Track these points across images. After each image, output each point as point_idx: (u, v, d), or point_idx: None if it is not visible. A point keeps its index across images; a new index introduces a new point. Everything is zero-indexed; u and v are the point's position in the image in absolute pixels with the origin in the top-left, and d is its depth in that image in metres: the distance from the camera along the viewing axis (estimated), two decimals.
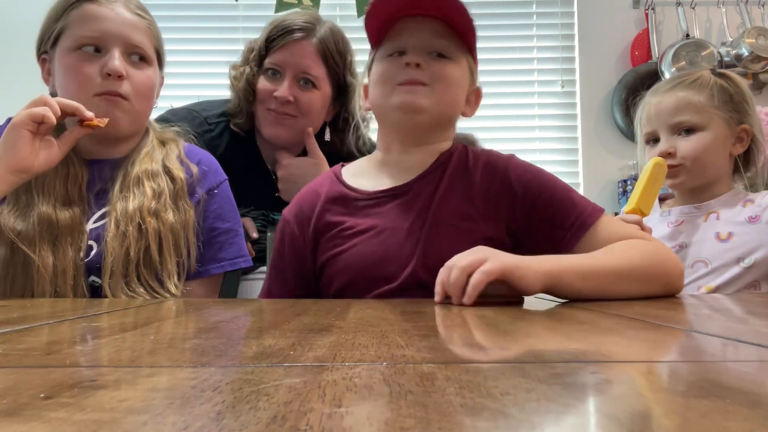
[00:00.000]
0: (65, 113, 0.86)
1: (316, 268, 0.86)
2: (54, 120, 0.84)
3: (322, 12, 2.43)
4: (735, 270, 1.00)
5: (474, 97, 0.92)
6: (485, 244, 0.73)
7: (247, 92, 1.20)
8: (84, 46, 0.91)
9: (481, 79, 0.95)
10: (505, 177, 0.83)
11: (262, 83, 1.20)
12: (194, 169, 0.98)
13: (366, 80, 0.92)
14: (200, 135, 1.22)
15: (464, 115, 0.91)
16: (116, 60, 0.90)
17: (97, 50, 0.91)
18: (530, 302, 0.77)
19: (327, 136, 1.28)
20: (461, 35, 0.85)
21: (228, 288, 1.13)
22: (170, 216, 0.92)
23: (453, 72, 0.85)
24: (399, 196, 0.85)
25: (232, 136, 1.24)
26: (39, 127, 0.84)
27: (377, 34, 0.87)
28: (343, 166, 0.95)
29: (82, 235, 0.89)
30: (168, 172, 0.96)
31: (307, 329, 0.44)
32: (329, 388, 0.25)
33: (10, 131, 0.83)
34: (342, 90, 1.25)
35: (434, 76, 0.83)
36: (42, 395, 0.24)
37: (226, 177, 1.03)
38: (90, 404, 0.23)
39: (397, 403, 0.22)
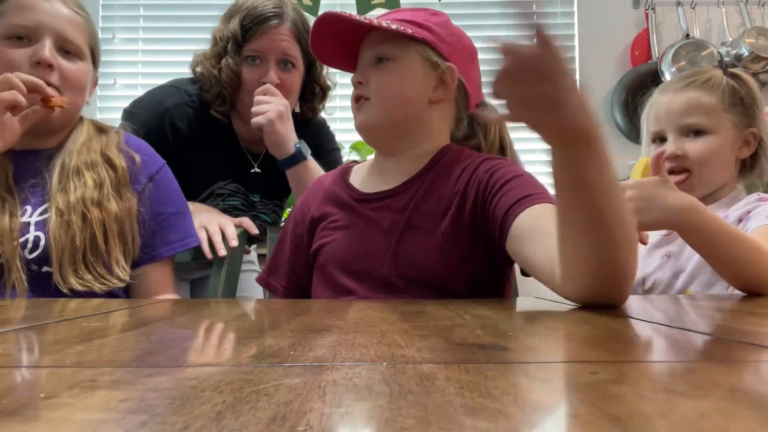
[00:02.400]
0: (27, 90, 0.87)
1: (311, 254, 0.91)
2: (25, 102, 0.85)
3: (322, 11, 2.43)
4: (709, 272, 0.95)
5: (447, 77, 0.85)
6: (447, 241, 0.79)
7: (233, 81, 1.24)
8: (16, 36, 0.92)
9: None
10: (475, 172, 0.83)
11: (247, 72, 1.25)
12: (137, 157, 0.99)
13: None
14: (181, 105, 1.27)
15: (434, 101, 0.85)
16: (46, 49, 0.91)
17: (29, 40, 0.92)
18: (530, 302, 0.77)
19: (297, 108, 1.36)
20: (390, 31, 0.83)
21: (228, 284, 1.13)
22: (113, 205, 0.93)
23: (392, 74, 0.84)
24: (385, 198, 0.87)
25: (209, 115, 1.29)
26: (10, 111, 0.85)
27: (347, 62, 0.91)
28: (356, 162, 0.99)
29: (15, 227, 0.89)
30: (108, 161, 0.97)
31: (307, 329, 0.44)
32: (329, 388, 0.25)
33: None
34: (309, 64, 1.33)
35: (373, 88, 0.84)
36: (42, 395, 0.24)
37: (164, 161, 1.05)
38: (90, 404, 0.23)
39: (397, 403, 0.22)
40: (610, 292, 0.59)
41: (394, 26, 0.83)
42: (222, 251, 1.12)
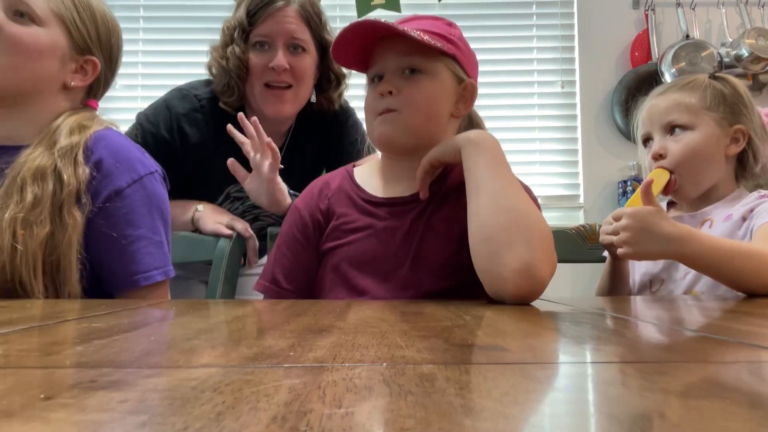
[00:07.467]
0: None
1: (319, 255, 0.89)
2: None
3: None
4: None
5: (468, 93, 0.89)
6: (465, 243, 0.77)
7: (240, 69, 1.21)
8: None
9: (481, 79, 0.94)
10: None
11: (254, 58, 1.21)
12: (104, 166, 0.83)
13: None
14: (191, 112, 1.24)
15: (455, 115, 0.89)
16: None
17: None
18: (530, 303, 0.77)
19: (313, 98, 1.32)
20: (430, 46, 0.83)
21: (227, 284, 1.13)
22: (43, 231, 0.77)
23: (426, 88, 0.84)
24: (404, 204, 0.88)
25: (221, 113, 1.26)
26: None
27: (360, 62, 0.90)
28: (354, 166, 0.97)
29: None
30: (56, 170, 0.80)
31: (306, 330, 0.44)
32: (329, 388, 0.25)
33: None
34: (323, 50, 1.28)
35: (405, 100, 0.83)
36: (42, 395, 0.24)
37: (148, 171, 0.87)
38: (90, 404, 0.23)
39: (397, 404, 0.22)
40: None
41: (433, 41, 0.83)
42: (249, 233, 1.17)
